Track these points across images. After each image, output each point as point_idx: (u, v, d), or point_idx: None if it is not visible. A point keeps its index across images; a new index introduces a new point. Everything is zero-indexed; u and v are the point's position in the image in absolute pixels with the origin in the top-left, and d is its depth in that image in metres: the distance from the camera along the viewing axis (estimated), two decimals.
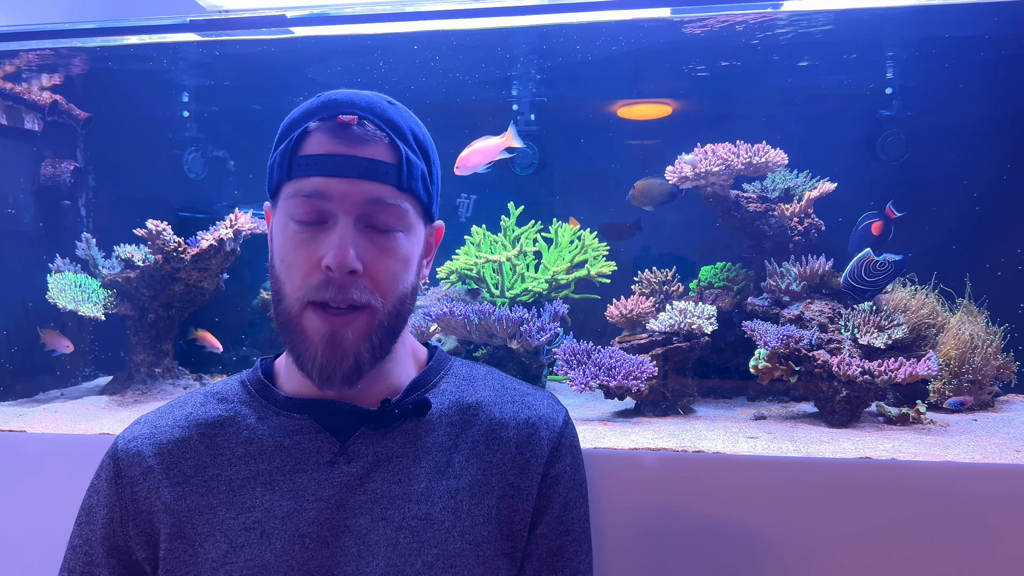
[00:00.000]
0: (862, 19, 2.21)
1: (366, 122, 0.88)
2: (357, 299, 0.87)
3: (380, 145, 0.89)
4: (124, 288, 2.38)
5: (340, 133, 0.87)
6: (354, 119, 0.87)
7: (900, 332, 1.94)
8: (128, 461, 0.94)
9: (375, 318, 0.89)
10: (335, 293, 0.86)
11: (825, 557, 1.34)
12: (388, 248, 0.90)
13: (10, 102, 2.48)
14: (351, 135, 0.87)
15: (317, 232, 0.88)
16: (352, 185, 0.87)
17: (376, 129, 0.89)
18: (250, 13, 2.00)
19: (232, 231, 2.36)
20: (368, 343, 0.89)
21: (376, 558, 0.88)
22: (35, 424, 1.90)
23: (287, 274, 0.89)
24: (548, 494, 0.97)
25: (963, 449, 1.53)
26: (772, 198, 2.38)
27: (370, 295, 0.88)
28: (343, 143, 0.87)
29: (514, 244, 2.40)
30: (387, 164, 0.88)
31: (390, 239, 0.90)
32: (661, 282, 2.43)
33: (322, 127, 0.88)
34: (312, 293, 0.87)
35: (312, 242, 0.88)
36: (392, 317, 0.91)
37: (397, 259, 0.90)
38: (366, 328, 0.89)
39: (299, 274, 0.88)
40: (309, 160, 0.87)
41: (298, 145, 0.89)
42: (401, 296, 0.92)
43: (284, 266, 0.90)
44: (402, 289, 0.92)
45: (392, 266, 0.90)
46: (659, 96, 2.79)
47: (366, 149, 0.88)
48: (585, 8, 1.93)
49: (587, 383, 1.86)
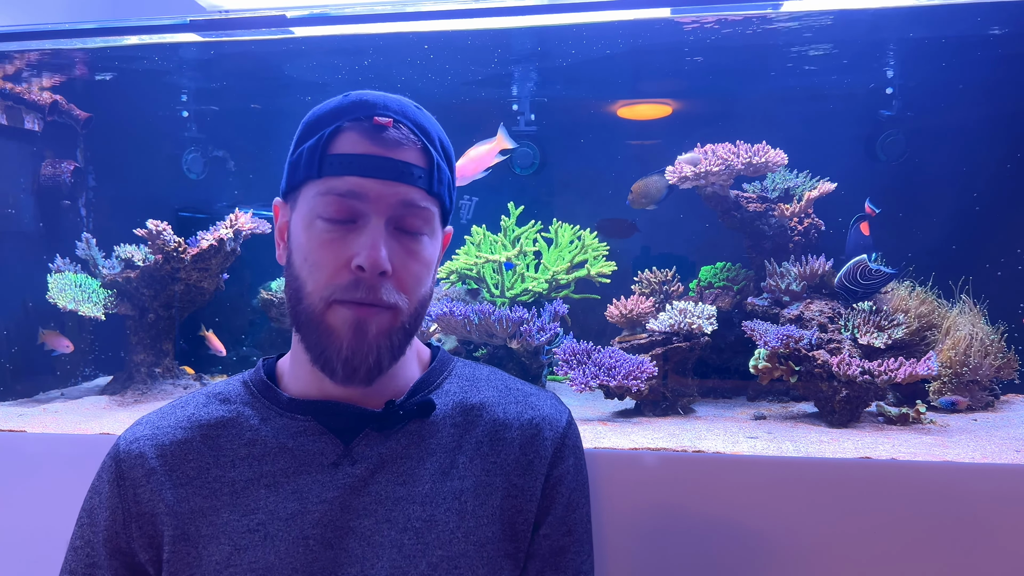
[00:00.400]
0: (862, 19, 2.22)
1: (401, 125, 0.89)
2: (386, 299, 0.87)
3: (413, 149, 0.89)
4: (124, 288, 2.38)
5: (376, 134, 0.88)
6: (390, 121, 0.88)
7: (900, 332, 1.94)
8: (130, 463, 0.94)
9: (398, 319, 0.90)
10: (365, 294, 0.86)
11: (825, 557, 1.34)
12: (414, 251, 0.91)
13: (10, 102, 2.48)
14: (387, 137, 0.88)
15: (346, 232, 0.88)
16: (387, 187, 0.87)
17: (410, 133, 0.90)
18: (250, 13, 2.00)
19: (232, 231, 2.36)
20: (388, 342, 0.89)
21: (380, 560, 0.88)
22: (35, 424, 1.90)
23: (311, 272, 0.89)
24: (551, 495, 0.97)
25: (963, 449, 1.53)
26: (772, 198, 2.38)
27: (397, 296, 0.88)
28: (379, 145, 0.88)
29: (514, 244, 2.41)
30: (420, 168, 0.89)
31: (417, 242, 0.91)
32: (661, 282, 2.43)
33: (356, 127, 0.88)
34: (340, 292, 0.87)
35: (340, 241, 0.87)
36: (412, 319, 0.92)
37: (422, 262, 0.91)
38: (387, 327, 0.89)
39: (325, 273, 0.87)
40: (343, 159, 0.87)
41: (329, 143, 0.89)
42: (423, 299, 0.93)
43: (308, 264, 0.89)
44: (423, 292, 0.93)
45: (417, 269, 0.91)
46: (659, 96, 2.80)
47: (401, 152, 0.88)
48: (585, 8, 1.93)
49: (587, 383, 1.86)
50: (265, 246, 2.51)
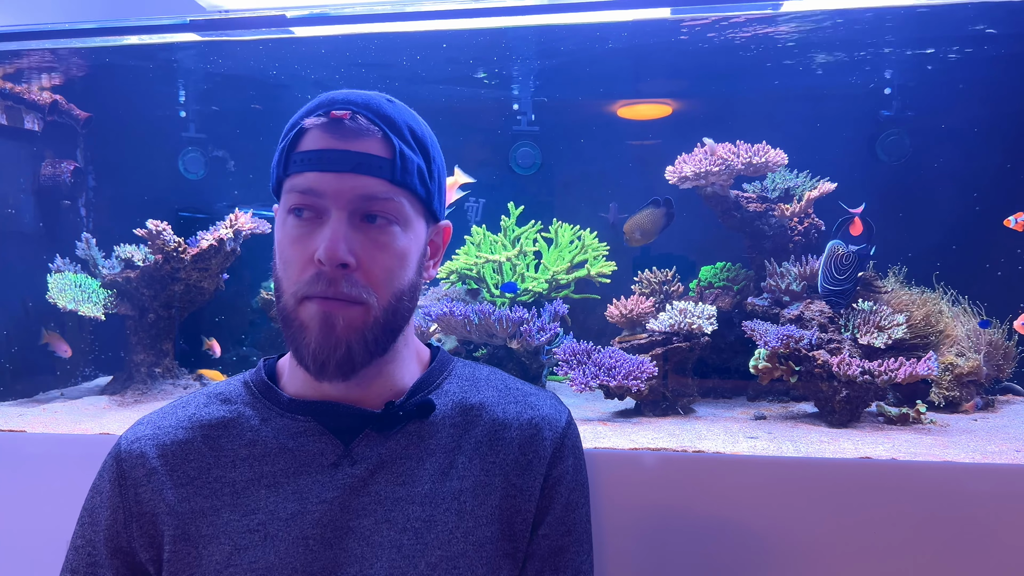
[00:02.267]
0: (862, 19, 2.22)
1: (359, 117, 0.88)
2: (347, 292, 0.86)
3: (373, 139, 0.89)
4: (124, 288, 2.38)
5: (333, 128, 0.88)
6: (347, 114, 0.88)
7: (900, 332, 1.94)
8: (132, 462, 0.94)
9: (370, 315, 0.89)
10: (325, 287, 0.86)
11: (825, 557, 1.34)
12: (382, 243, 0.89)
13: (10, 102, 2.48)
14: (343, 130, 0.88)
15: (312, 228, 0.88)
16: (344, 179, 0.87)
17: (369, 123, 0.89)
18: (250, 13, 2.00)
19: (232, 231, 2.36)
20: (362, 338, 0.89)
21: (380, 560, 0.88)
22: (35, 424, 1.90)
23: (284, 270, 0.90)
24: (550, 495, 0.97)
25: (963, 449, 1.53)
26: (772, 198, 2.38)
27: (363, 290, 0.88)
28: (335, 138, 0.88)
29: (514, 244, 2.41)
30: (379, 158, 0.88)
31: (385, 234, 0.90)
32: (661, 282, 2.43)
33: (316, 123, 0.88)
34: (305, 287, 0.87)
35: (307, 237, 0.88)
36: (388, 314, 0.91)
37: (392, 254, 0.90)
38: (359, 322, 0.88)
39: (295, 269, 0.88)
40: (303, 156, 0.88)
41: (295, 142, 0.90)
42: (397, 293, 0.91)
43: (282, 262, 0.91)
44: (398, 285, 0.91)
45: (386, 261, 0.89)
46: (659, 96, 2.80)
47: (358, 143, 0.88)
48: (585, 8, 1.93)
49: (587, 383, 1.86)
50: (265, 246, 2.51)
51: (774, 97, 2.76)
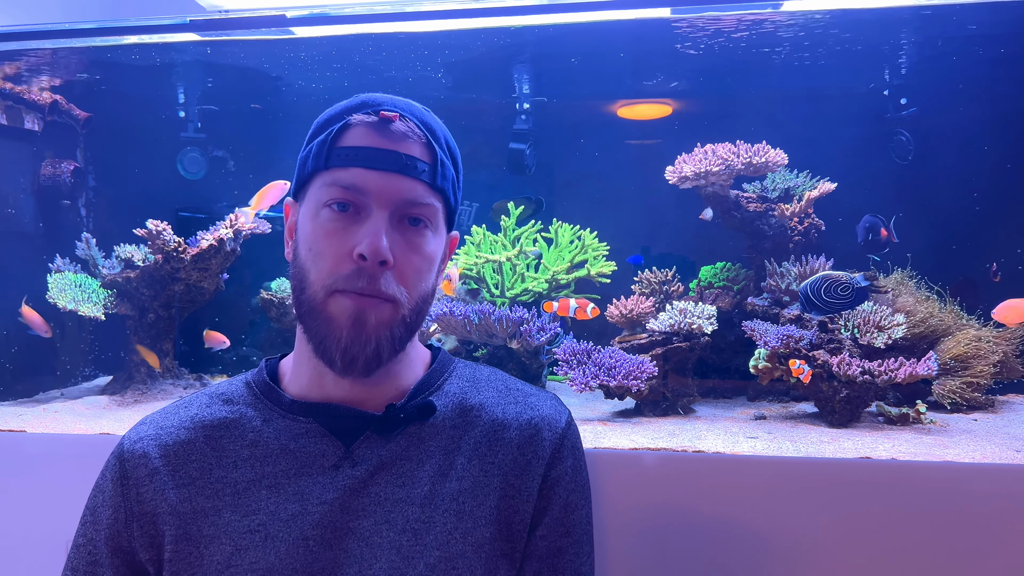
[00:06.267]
0: (863, 18, 2.21)
1: (407, 120, 0.92)
2: (385, 290, 0.88)
3: (417, 143, 0.91)
4: (124, 288, 2.38)
5: (381, 128, 0.90)
6: (396, 116, 0.91)
7: (900, 332, 1.94)
8: (134, 462, 0.94)
9: (398, 312, 0.90)
10: (365, 283, 0.87)
11: (825, 557, 1.34)
12: (417, 245, 0.92)
13: (10, 102, 2.48)
14: (392, 131, 0.90)
15: (350, 222, 0.89)
16: (390, 179, 0.89)
17: (415, 127, 0.92)
18: (250, 13, 2.00)
19: (232, 231, 2.36)
20: (389, 334, 0.90)
21: (379, 560, 0.88)
22: (35, 424, 1.90)
23: (314, 261, 0.90)
24: (548, 495, 0.97)
25: (963, 449, 1.53)
26: (772, 198, 2.38)
27: (396, 288, 0.89)
28: (384, 138, 0.90)
29: (514, 244, 2.41)
30: (423, 162, 0.91)
31: (419, 236, 0.92)
32: (661, 282, 2.43)
33: (364, 121, 0.90)
34: (341, 282, 0.88)
35: (344, 231, 0.89)
36: (414, 314, 0.93)
37: (424, 256, 0.92)
38: (388, 319, 0.89)
39: (328, 262, 0.89)
40: (349, 151, 0.89)
41: (338, 137, 0.91)
42: (424, 294, 0.94)
43: (312, 254, 0.90)
44: (424, 287, 0.94)
45: (418, 263, 0.92)
46: (659, 96, 2.80)
47: (405, 145, 0.90)
48: (585, 8, 1.93)
49: (587, 383, 1.86)
50: (265, 246, 2.51)
51: (775, 97, 2.76)
